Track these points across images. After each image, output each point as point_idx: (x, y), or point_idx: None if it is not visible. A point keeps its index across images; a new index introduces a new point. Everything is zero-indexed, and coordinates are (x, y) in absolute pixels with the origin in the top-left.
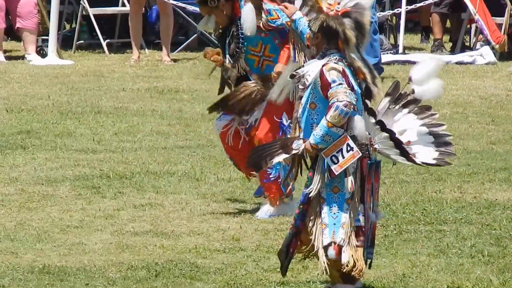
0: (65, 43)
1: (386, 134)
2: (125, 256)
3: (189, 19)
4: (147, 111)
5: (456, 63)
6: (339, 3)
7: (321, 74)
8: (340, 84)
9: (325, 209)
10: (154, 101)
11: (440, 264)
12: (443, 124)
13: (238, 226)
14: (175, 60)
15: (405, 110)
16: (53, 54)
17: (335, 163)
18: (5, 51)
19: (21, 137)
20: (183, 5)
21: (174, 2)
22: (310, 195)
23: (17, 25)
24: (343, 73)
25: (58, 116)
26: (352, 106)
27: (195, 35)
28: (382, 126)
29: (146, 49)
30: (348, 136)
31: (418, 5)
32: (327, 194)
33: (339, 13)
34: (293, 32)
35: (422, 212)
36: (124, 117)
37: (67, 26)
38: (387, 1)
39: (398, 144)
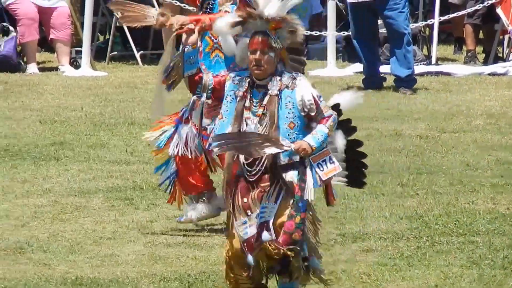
0: (98, 54)
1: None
2: (158, 267)
3: None
4: None
5: (489, 74)
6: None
7: None
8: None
9: None
10: None
11: (473, 276)
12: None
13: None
14: None
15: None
16: (86, 65)
17: (321, 170)
18: (38, 63)
19: (54, 148)
20: None
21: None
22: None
23: (51, 36)
24: None
25: (91, 127)
26: None
27: None
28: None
29: None
30: (329, 150)
31: (451, 16)
32: None
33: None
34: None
35: (455, 224)
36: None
37: (101, 38)
38: (420, 12)
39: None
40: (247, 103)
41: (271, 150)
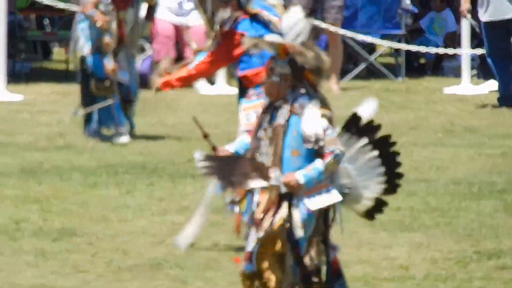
0: (233, 71)
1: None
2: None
3: (358, 48)
4: None
5: None
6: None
7: None
8: (333, 130)
9: None
10: None
11: None
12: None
13: (407, 255)
14: (344, 89)
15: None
16: (222, 82)
17: (311, 200)
18: None
19: (191, 165)
20: (352, 34)
21: (343, 32)
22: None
23: (186, 54)
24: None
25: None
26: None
27: (364, 64)
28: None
29: None
30: (328, 182)
31: None
32: None
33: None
34: None
35: None
36: None
37: None
38: None
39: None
40: (265, 124)
41: (255, 184)
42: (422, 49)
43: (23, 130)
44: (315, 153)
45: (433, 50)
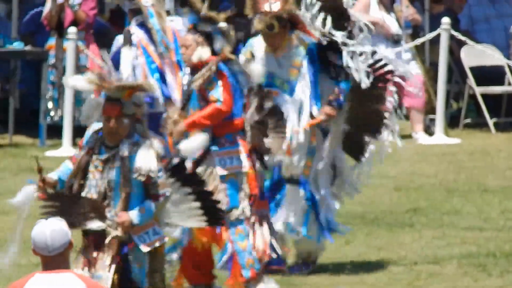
0: (452, 121)
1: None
2: None
3: None
4: None
5: None
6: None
7: None
8: (162, 173)
9: None
10: None
11: None
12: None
13: None
14: None
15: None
16: (440, 133)
17: (143, 242)
18: None
19: (409, 215)
20: None
21: None
22: None
23: (405, 104)
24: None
25: (445, 194)
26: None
27: None
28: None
29: None
30: (155, 221)
31: None
32: None
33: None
34: None
35: None
36: (511, 195)
37: (454, 105)
38: None
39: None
40: (94, 158)
41: (93, 225)
42: None
43: None
44: (146, 193)
45: None
